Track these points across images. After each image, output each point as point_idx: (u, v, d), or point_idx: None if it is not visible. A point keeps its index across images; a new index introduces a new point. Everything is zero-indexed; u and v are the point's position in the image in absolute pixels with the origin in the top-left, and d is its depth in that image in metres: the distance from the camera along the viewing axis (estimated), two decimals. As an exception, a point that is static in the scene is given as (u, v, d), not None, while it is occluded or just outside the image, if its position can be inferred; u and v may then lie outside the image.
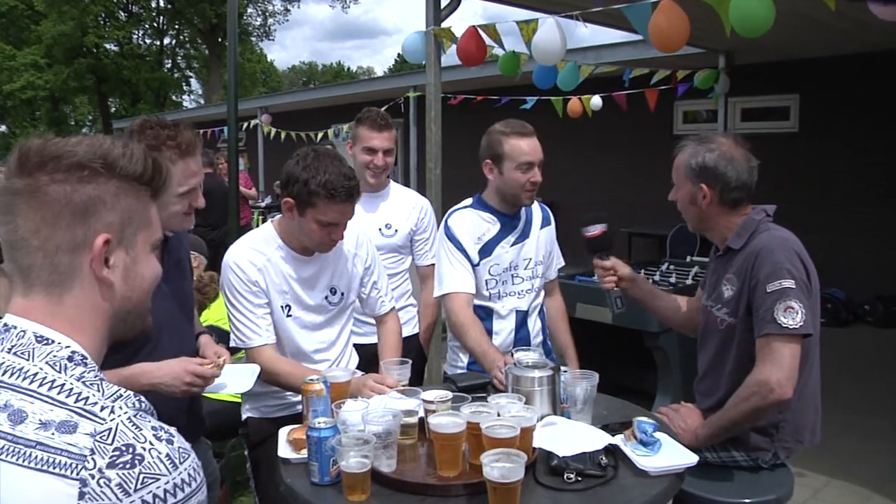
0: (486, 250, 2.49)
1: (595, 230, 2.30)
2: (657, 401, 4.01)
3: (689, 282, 4.50)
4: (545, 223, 2.64)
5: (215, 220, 6.30)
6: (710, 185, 2.04)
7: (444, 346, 2.73)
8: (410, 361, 2.14)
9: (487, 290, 2.50)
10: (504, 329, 2.53)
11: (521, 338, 2.56)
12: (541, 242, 2.59)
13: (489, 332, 2.51)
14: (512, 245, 2.52)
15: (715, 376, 2.10)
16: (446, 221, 2.54)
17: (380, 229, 2.85)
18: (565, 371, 1.98)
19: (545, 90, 5.48)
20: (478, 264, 2.48)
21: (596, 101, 6.95)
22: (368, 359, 2.42)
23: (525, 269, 2.55)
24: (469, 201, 2.59)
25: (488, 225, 2.51)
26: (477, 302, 2.51)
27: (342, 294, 2.27)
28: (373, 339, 2.50)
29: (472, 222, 2.51)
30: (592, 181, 10.02)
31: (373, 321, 2.50)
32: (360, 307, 2.41)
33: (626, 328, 4.03)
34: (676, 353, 4.02)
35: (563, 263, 2.78)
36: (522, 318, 2.56)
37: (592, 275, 2.73)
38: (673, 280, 4.55)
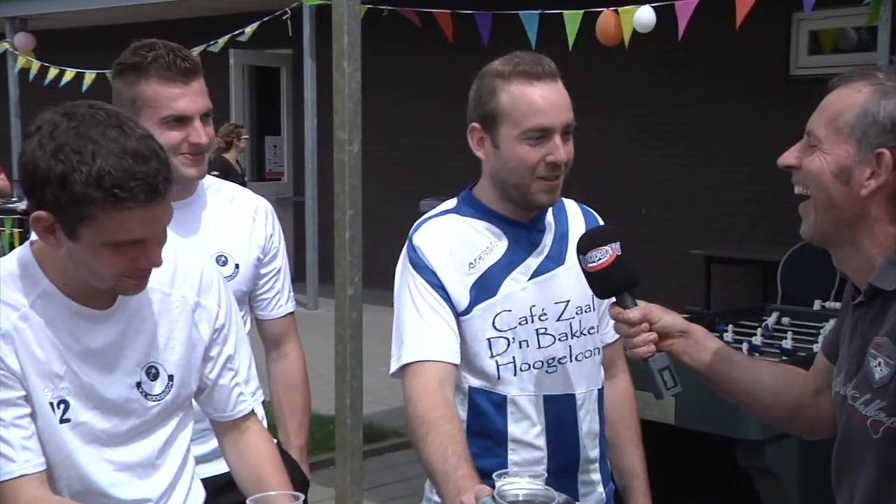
0: (484, 286, 2.52)
1: (603, 257, 2.32)
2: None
3: (817, 347, 4.57)
4: None
5: None
6: None
7: (362, 464, 2.74)
8: (303, 497, 2.14)
9: (493, 357, 2.53)
10: (529, 433, 2.56)
11: (565, 448, 2.58)
12: None
13: (502, 439, 2.54)
14: (531, 277, 2.57)
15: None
16: (411, 240, 2.57)
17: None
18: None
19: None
20: (468, 312, 2.52)
21: (644, 15, 7.08)
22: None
23: (558, 319, 2.58)
24: (451, 203, 2.64)
25: (486, 241, 2.56)
26: (476, 383, 2.55)
27: (170, 379, 2.29)
28: (221, 467, 2.53)
29: (456, 239, 2.56)
30: (635, 163, 10.15)
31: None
32: (197, 403, 2.43)
33: (698, 433, 4.06)
34: (794, 477, 4.07)
35: None
36: (563, 412, 2.58)
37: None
38: (788, 344, 4.64)
